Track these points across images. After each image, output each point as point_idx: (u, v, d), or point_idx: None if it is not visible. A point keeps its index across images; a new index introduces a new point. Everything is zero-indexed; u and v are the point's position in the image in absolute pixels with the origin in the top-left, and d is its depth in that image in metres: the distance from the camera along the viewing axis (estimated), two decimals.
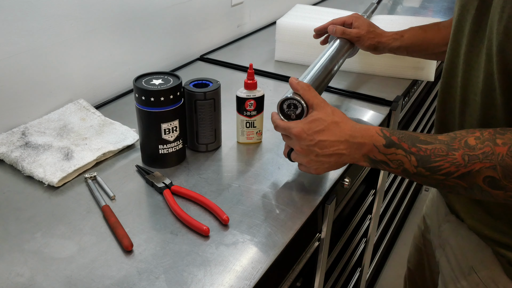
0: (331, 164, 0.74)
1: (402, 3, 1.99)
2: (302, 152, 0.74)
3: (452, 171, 0.63)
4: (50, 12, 0.96)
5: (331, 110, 0.74)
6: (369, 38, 1.07)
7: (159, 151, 0.86)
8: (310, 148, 0.73)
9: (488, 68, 0.66)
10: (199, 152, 0.93)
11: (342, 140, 0.71)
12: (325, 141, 0.72)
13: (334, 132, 0.72)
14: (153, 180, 0.82)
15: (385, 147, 0.69)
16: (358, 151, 0.71)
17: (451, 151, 0.63)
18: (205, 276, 0.65)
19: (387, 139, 0.69)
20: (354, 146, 0.71)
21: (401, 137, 0.68)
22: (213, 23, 1.45)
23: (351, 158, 0.72)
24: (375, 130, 0.71)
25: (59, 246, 0.69)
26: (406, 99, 1.26)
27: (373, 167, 0.73)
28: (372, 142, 0.70)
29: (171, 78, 0.85)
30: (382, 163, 0.70)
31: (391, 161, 0.68)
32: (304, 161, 0.75)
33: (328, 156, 0.72)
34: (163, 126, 0.84)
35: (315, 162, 0.74)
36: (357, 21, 1.09)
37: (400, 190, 1.70)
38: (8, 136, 0.91)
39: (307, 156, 0.74)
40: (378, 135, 0.70)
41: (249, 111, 0.92)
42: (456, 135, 0.65)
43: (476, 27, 0.69)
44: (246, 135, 0.95)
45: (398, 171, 0.69)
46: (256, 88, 0.91)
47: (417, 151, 0.66)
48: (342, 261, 1.17)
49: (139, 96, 0.82)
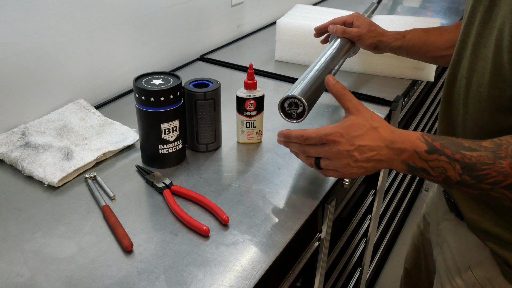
0: (368, 169, 0.71)
1: (402, 3, 1.99)
2: (339, 157, 0.70)
3: (499, 180, 0.61)
4: (50, 12, 0.96)
5: (370, 115, 0.71)
6: (370, 37, 1.07)
7: (159, 151, 0.86)
8: (349, 153, 0.69)
9: (497, 59, 0.65)
10: (199, 152, 0.93)
11: (382, 145, 0.68)
12: (365, 146, 0.69)
13: (373, 137, 0.69)
14: (153, 180, 0.82)
15: (427, 153, 0.65)
16: (398, 157, 0.68)
17: (497, 159, 0.61)
18: (205, 276, 0.65)
19: (429, 145, 0.66)
20: (394, 152, 0.68)
21: (444, 143, 0.65)
22: (213, 23, 1.46)
23: (390, 164, 0.69)
24: (416, 135, 0.68)
25: (59, 246, 0.69)
26: (406, 99, 1.26)
27: (411, 174, 0.70)
28: (413, 148, 0.66)
29: (171, 78, 0.85)
30: (422, 171, 0.67)
31: (432, 168, 0.65)
32: (339, 166, 0.71)
33: (367, 161, 0.69)
34: (163, 126, 0.84)
35: (352, 167, 0.70)
36: (358, 20, 1.08)
37: (400, 190, 1.70)
38: (8, 136, 0.91)
39: (343, 162, 0.70)
40: (419, 141, 0.67)
41: (249, 111, 0.92)
42: (501, 141, 0.63)
43: (487, 17, 0.69)
44: (246, 135, 0.95)
45: (438, 179, 0.66)
46: (256, 88, 0.91)
47: (461, 158, 0.63)
48: (342, 261, 1.17)
49: (139, 96, 0.82)
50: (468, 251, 0.82)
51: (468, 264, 0.82)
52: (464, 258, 0.83)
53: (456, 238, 0.86)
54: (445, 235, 0.89)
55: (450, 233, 0.87)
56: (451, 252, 0.86)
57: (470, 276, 0.81)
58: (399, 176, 1.59)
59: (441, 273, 0.89)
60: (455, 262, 0.85)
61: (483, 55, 0.69)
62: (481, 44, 0.70)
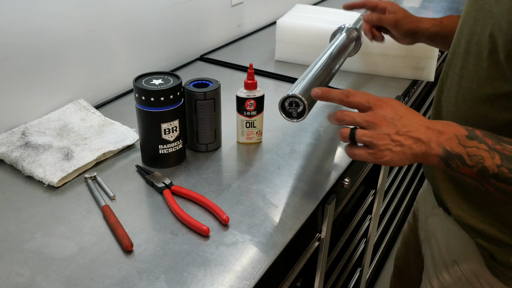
0: (404, 150, 0.65)
1: (402, 3, 1.99)
2: (381, 124, 0.65)
3: None
4: (50, 12, 0.96)
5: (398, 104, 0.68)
6: (407, 22, 1.01)
7: (159, 151, 0.86)
8: (394, 122, 0.65)
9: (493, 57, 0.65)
10: (199, 152, 0.93)
11: (422, 125, 0.65)
12: (408, 119, 0.65)
13: (413, 117, 0.66)
14: (153, 180, 0.82)
15: (467, 138, 0.63)
16: (436, 138, 0.64)
17: None
18: (205, 276, 0.65)
19: (470, 132, 0.64)
20: (433, 133, 0.64)
21: (485, 133, 0.63)
22: (213, 23, 1.45)
23: (427, 146, 0.64)
24: (456, 124, 0.66)
25: (59, 246, 0.69)
26: (406, 99, 1.26)
27: (443, 166, 0.65)
28: (453, 132, 0.64)
29: (171, 78, 0.85)
30: (457, 158, 0.63)
31: (470, 156, 0.62)
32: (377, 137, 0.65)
33: (406, 137, 0.64)
34: (163, 126, 0.84)
35: (390, 141, 0.65)
36: (392, 6, 1.03)
37: (400, 190, 1.70)
38: (8, 136, 0.91)
39: (383, 131, 0.65)
40: (460, 127, 0.65)
41: (249, 111, 0.92)
42: None
43: (479, 16, 0.69)
44: (246, 135, 0.95)
45: (473, 170, 0.62)
46: (256, 88, 0.91)
47: (501, 150, 0.61)
48: (342, 261, 1.17)
49: (139, 96, 0.82)
50: (455, 245, 0.82)
51: (455, 259, 0.82)
52: (451, 253, 0.83)
53: (443, 232, 0.86)
54: (433, 230, 0.89)
55: (438, 227, 0.87)
56: (438, 247, 0.86)
57: (457, 270, 0.81)
58: (399, 176, 1.59)
59: (429, 268, 0.89)
60: (442, 256, 0.85)
61: (475, 52, 0.69)
62: (473, 42, 0.70)
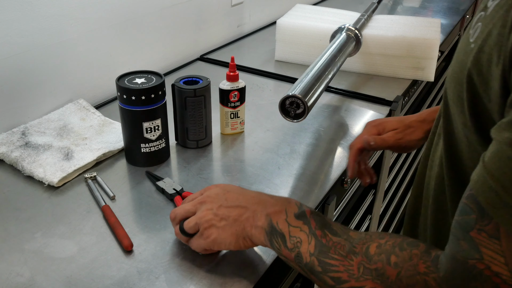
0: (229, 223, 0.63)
1: (402, 3, 1.99)
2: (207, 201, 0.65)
3: (343, 279, 0.53)
4: (50, 12, 0.96)
5: None
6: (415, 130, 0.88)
7: (141, 150, 0.86)
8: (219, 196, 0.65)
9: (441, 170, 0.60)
10: (199, 152, 0.93)
11: (255, 197, 0.64)
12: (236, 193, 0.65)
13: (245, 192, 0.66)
14: (164, 186, 0.81)
15: (295, 216, 0.60)
16: (263, 209, 0.62)
17: (351, 253, 0.53)
18: (205, 276, 0.65)
19: (300, 210, 0.60)
20: (262, 203, 0.63)
21: (314, 216, 0.59)
22: (213, 23, 1.45)
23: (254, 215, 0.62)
24: (294, 200, 0.63)
25: (59, 246, 0.69)
26: (406, 99, 1.26)
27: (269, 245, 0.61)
28: (285, 207, 0.61)
29: (154, 77, 0.85)
30: (280, 237, 0.59)
31: (290, 236, 0.58)
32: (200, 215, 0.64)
33: (232, 208, 0.63)
34: (145, 125, 0.84)
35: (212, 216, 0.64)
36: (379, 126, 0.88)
37: (400, 190, 1.70)
38: (8, 136, 0.91)
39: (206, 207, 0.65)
40: (295, 204, 0.62)
41: (233, 102, 0.95)
42: (365, 236, 0.55)
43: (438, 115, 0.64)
44: (231, 125, 0.98)
45: (291, 255, 0.58)
46: (238, 80, 0.95)
47: (320, 236, 0.56)
48: None
49: (121, 95, 0.82)
50: None
51: None
52: None
53: None
54: None
55: None
56: None
57: None
58: (399, 176, 1.59)
59: None
60: None
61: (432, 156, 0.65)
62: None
